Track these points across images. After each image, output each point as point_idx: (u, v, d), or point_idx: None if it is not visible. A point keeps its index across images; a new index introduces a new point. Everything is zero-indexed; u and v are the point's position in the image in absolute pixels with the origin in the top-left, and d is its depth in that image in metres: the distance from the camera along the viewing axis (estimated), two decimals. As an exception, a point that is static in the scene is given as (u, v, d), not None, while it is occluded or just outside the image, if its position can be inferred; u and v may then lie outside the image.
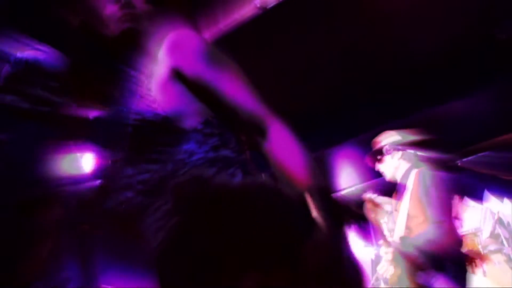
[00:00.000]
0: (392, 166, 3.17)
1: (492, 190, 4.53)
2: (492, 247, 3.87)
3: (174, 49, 1.19)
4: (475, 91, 4.27)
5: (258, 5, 3.41)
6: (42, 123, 1.39)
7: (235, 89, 1.18)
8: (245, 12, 3.45)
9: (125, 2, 1.25)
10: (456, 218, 3.00)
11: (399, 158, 3.15)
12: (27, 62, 1.45)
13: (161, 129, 1.13)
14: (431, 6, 3.59)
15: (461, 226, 3.79)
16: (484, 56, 3.99)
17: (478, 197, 4.63)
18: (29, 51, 1.49)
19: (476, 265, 3.76)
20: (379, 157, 3.24)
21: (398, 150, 3.17)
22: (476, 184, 4.54)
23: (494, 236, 4.13)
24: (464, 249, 3.79)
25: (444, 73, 4.07)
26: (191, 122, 1.15)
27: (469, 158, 4.70)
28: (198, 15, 3.44)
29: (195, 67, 1.17)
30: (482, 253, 3.76)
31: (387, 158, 3.20)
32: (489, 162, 4.52)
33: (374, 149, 3.28)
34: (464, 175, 4.45)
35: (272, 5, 3.42)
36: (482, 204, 4.59)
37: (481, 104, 4.35)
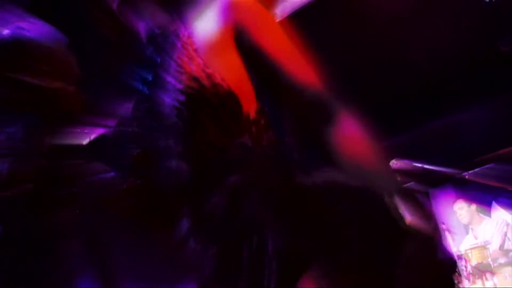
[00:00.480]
0: None
1: (500, 202, 4.50)
2: (502, 260, 3.82)
3: (238, 8, 1.00)
4: (480, 103, 4.26)
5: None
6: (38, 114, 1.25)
7: (304, 68, 1.04)
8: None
9: None
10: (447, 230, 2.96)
11: None
12: (13, 41, 1.26)
13: (222, 107, 0.97)
14: (434, 20, 3.61)
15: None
16: (489, 68, 3.99)
17: (486, 209, 4.59)
18: (16, 24, 1.29)
19: (486, 278, 3.72)
20: None
21: None
22: (484, 196, 4.51)
23: (503, 248, 4.08)
24: (473, 262, 3.77)
25: (449, 86, 4.06)
26: (247, 104, 1.00)
27: (476, 170, 4.68)
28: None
29: (261, 35, 1.00)
30: (492, 266, 3.71)
31: None
32: (496, 174, 4.49)
33: None
34: (472, 187, 4.43)
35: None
36: (490, 216, 4.56)
37: (486, 115, 4.35)
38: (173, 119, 0.99)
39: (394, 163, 3.17)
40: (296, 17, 3.35)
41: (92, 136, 1.28)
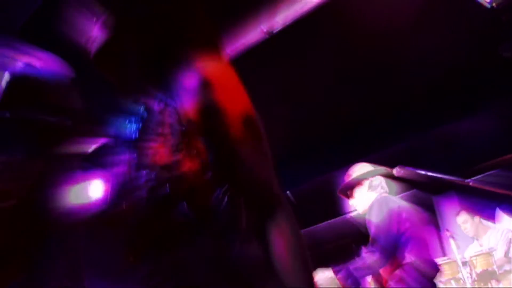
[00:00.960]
0: (363, 199, 3.06)
1: (504, 209, 4.49)
2: (508, 267, 3.81)
3: (201, 89, 1.03)
4: (481, 110, 4.27)
5: (265, 30, 3.44)
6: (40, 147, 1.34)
7: (256, 158, 1.06)
8: (251, 37, 3.48)
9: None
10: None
11: (367, 190, 3.06)
12: (22, 78, 1.36)
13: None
14: (435, 27, 3.62)
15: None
16: (490, 74, 4.00)
17: (490, 216, 4.58)
18: (24, 61, 1.39)
19: (491, 285, 3.70)
20: (349, 191, 3.15)
21: (372, 178, 3.07)
22: (488, 203, 4.50)
23: (508, 255, 4.07)
24: (478, 269, 3.75)
25: (451, 92, 4.07)
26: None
27: (479, 176, 4.68)
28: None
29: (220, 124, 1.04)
30: (497, 273, 3.69)
31: (357, 191, 3.10)
32: (500, 181, 4.49)
33: (344, 183, 3.17)
34: (475, 194, 4.42)
35: (278, 30, 3.45)
36: (494, 223, 4.55)
37: (487, 122, 4.35)
38: None
39: (398, 170, 3.15)
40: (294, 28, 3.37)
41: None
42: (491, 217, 4.57)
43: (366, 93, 4.22)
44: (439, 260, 3.84)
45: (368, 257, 2.79)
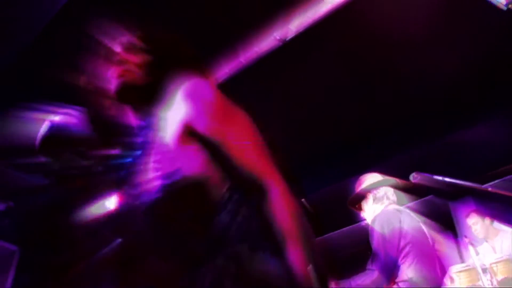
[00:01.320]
0: (370, 211, 3.04)
1: (522, 214, 4.43)
2: (529, 273, 3.73)
3: (186, 100, 1.18)
4: (496, 115, 4.23)
5: (278, 38, 3.45)
6: (70, 185, 1.55)
7: (239, 147, 1.15)
8: (265, 45, 3.49)
9: (120, 59, 1.32)
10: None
11: (373, 203, 3.04)
12: (58, 128, 1.62)
13: (190, 198, 1.11)
14: (449, 33, 3.60)
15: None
16: (504, 80, 3.96)
17: (508, 221, 4.52)
18: (60, 116, 1.65)
19: (512, 293, 3.63)
20: (357, 205, 3.13)
21: (376, 190, 3.04)
22: (505, 208, 4.44)
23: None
24: (499, 277, 3.68)
25: (466, 98, 4.04)
26: (219, 188, 1.12)
27: (496, 181, 4.62)
28: (211, 56, 3.47)
29: (204, 123, 1.16)
30: (518, 280, 3.62)
31: (363, 204, 3.08)
32: (517, 185, 4.43)
33: (350, 197, 3.15)
34: (492, 199, 4.36)
35: (291, 37, 3.45)
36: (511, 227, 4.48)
37: (503, 128, 4.31)
38: None
39: (415, 177, 3.12)
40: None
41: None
42: (509, 222, 4.50)
43: (383, 99, 4.20)
44: (457, 268, 3.78)
45: (368, 275, 2.76)
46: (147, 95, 1.30)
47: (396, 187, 3.14)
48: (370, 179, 3.15)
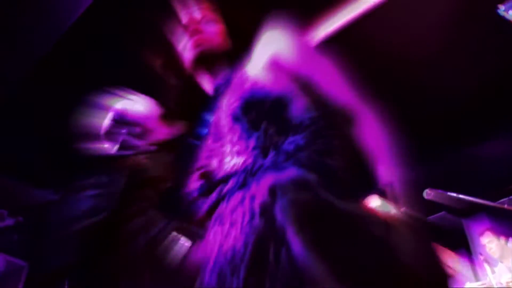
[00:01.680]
0: None
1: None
2: (546, 293, 3.65)
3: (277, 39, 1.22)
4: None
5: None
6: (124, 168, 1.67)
7: (328, 81, 1.20)
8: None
9: (195, 29, 1.34)
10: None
11: None
12: (120, 114, 1.84)
13: (273, 114, 1.14)
14: (464, 49, 3.59)
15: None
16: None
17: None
18: (121, 102, 1.87)
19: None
20: None
21: None
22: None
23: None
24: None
25: (482, 113, 4.01)
26: (299, 113, 1.14)
27: (510, 197, 4.56)
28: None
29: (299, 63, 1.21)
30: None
31: None
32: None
33: None
34: (506, 216, 4.30)
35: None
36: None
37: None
38: None
39: (428, 193, 3.07)
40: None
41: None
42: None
43: (399, 111, 4.17)
44: (473, 285, 3.71)
45: None
46: (225, 61, 1.35)
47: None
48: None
